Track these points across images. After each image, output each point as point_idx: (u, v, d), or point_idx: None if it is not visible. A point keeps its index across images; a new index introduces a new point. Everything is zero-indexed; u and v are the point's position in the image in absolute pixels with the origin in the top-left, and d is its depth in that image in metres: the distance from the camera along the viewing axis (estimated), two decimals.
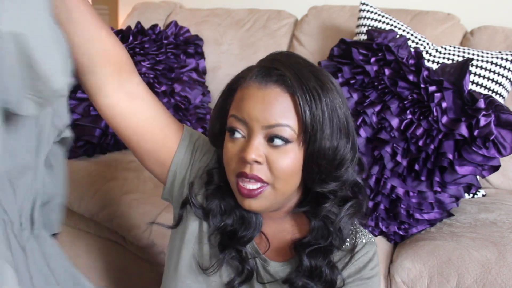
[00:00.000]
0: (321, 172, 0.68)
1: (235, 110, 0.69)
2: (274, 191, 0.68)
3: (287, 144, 0.66)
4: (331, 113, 0.67)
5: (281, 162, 0.66)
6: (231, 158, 0.69)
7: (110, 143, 1.49)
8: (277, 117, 0.65)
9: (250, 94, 0.67)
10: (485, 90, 1.35)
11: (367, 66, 1.24)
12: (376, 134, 1.17)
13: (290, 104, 0.66)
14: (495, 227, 1.10)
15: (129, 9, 2.20)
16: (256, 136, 0.66)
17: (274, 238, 0.77)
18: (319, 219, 0.73)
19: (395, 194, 1.13)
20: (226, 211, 0.75)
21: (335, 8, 1.79)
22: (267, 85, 0.67)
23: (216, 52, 1.85)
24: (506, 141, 1.05)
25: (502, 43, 1.51)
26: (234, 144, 0.68)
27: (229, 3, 2.09)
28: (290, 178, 0.68)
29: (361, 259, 0.75)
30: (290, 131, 0.66)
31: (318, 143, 0.66)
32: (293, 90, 0.65)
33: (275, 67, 0.67)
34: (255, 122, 0.66)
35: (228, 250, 0.73)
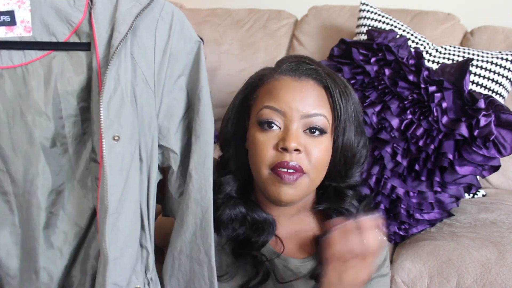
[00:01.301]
0: (346, 165, 0.71)
1: (270, 101, 0.69)
2: (310, 180, 0.69)
3: (323, 135, 0.68)
4: (355, 110, 0.70)
5: (318, 151, 0.68)
6: (266, 150, 0.68)
7: None
8: (316, 106, 0.67)
9: (286, 85, 0.68)
10: (485, 90, 1.35)
11: (367, 66, 1.24)
12: (376, 134, 1.17)
13: (324, 96, 0.69)
14: (495, 227, 1.10)
15: None
16: (294, 125, 0.67)
17: (291, 237, 0.77)
18: (342, 214, 0.74)
19: (395, 194, 1.13)
20: (237, 220, 0.75)
21: (335, 8, 1.79)
22: (301, 77, 0.69)
23: (216, 52, 1.85)
24: (506, 141, 1.06)
25: (502, 43, 1.51)
26: (267, 136, 0.68)
27: (229, 3, 2.09)
28: (323, 168, 0.70)
29: (380, 257, 0.76)
30: (326, 121, 0.68)
31: (347, 136, 0.69)
32: (327, 83, 0.68)
33: (307, 62, 0.70)
34: (295, 111, 0.67)
35: (243, 257, 0.73)
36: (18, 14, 0.59)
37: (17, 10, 0.59)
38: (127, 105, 0.58)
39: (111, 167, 0.57)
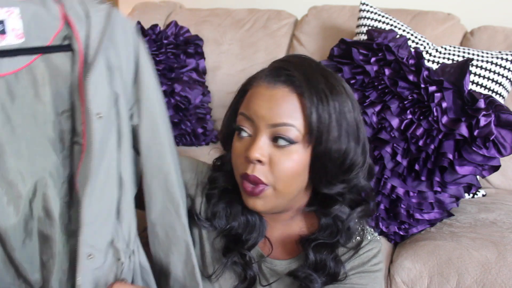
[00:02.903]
0: (327, 174, 0.68)
1: (244, 108, 0.69)
2: (276, 192, 0.68)
3: (292, 145, 0.66)
4: (339, 116, 0.67)
5: (284, 163, 0.66)
6: (238, 157, 0.69)
7: None
8: (283, 116, 0.66)
9: (259, 93, 0.68)
10: (485, 90, 1.35)
11: (367, 66, 1.24)
12: (376, 134, 1.17)
13: (297, 104, 0.66)
14: (495, 227, 1.10)
15: (129, 9, 2.20)
16: (261, 135, 0.67)
17: (280, 239, 0.77)
18: (330, 218, 0.74)
19: (395, 194, 1.13)
20: (232, 214, 0.76)
21: (335, 8, 1.79)
22: (276, 84, 0.67)
23: (216, 52, 1.85)
24: (506, 141, 1.06)
25: (502, 43, 1.51)
26: (241, 143, 0.69)
27: (229, 3, 2.09)
28: (292, 180, 0.68)
29: (366, 254, 0.76)
30: (295, 132, 0.66)
31: (324, 145, 0.66)
32: (301, 91, 0.66)
33: (285, 67, 0.68)
34: (261, 120, 0.66)
35: (231, 254, 0.73)
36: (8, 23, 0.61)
37: (7, 19, 0.61)
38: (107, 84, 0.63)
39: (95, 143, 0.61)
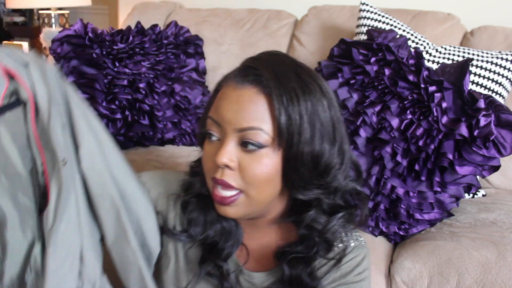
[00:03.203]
0: (301, 178, 0.65)
1: (212, 111, 0.66)
2: (248, 199, 0.65)
3: (261, 149, 0.63)
4: (311, 117, 0.63)
5: (254, 168, 0.63)
6: (208, 161, 0.66)
7: None
8: (250, 119, 0.62)
9: (226, 95, 0.64)
10: (485, 90, 1.35)
11: (367, 66, 1.23)
12: (376, 134, 1.17)
13: (265, 106, 0.62)
14: (495, 227, 1.10)
15: (129, 9, 2.20)
16: (229, 139, 0.63)
17: (258, 249, 0.74)
18: (305, 228, 0.69)
19: (395, 194, 1.13)
20: (208, 221, 0.72)
21: (335, 8, 1.79)
22: (244, 85, 0.64)
23: (216, 52, 1.85)
24: (506, 141, 1.06)
25: (502, 43, 1.51)
26: (211, 146, 0.66)
27: (229, 3, 2.09)
28: (264, 185, 0.65)
29: (349, 263, 0.71)
30: (264, 135, 0.62)
31: (296, 148, 0.62)
32: (269, 91, 0.62)
33: (254, 66, 0.64)
34: (228, 124, 0.63)
35: (206, 264, 0.70)
36: None
37: None
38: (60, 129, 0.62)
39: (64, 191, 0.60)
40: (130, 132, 1.51)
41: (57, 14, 2.42)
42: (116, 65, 1.49)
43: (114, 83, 1.47)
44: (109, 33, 1.59)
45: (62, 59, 1.48)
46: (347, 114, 1.22)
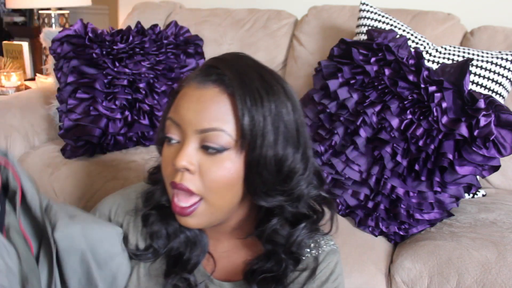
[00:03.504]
0: (263, 183, 0.62)
1: (172, 112, 0.63)
2: (209, 206, 0.62)
3: (223, 152, 0.60)
4: (275, 119, 0.60)
5: (215, 172, 0.60)
6: (167, 165, 0.63)
7: (110, 143, 1.49)
8: (211, 120, 0.59)
9: (187, 94, 0.62)
10: (485, 90, 1.35)
11: (367, 66, 1.24)
12: (376, 134, 1.17)
13: (228, 106, 0.60)
14: (495, 227, 1.10)
15: (129, 9, 2.20)
16: (189, 141, 0.60)
17: (225, 258, 0.72)
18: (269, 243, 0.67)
19: (395, 194, 1.13)
20: (170, 233, 0.70)
21: (335, 8, 1.79)
22: (205, 84, 0.61)
23: (216, 52, 1.83)
24: (506, 141, 1.06)
25: (502, 43, 1.51)
26: (170, 150, 0.63)
27: (229, 3, 2.09)
28: (225, 190, 0.62)
29: (323, 272, 0.70)
30: (226, 137, 0.59)
31: (259, 151, 0.59)
32: (232, 91, 0.59)
33: (216, 65, 0.62)
34: (188, 125, 0.60)
35: (171, 278, 0.67)
36: None
37: None
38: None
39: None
40: (130, 132, 1.51)
41: (57, 14, 2.42)
42: (116, 65, 1.49)
43: (114, 83, 1.47)
44: (109, 33, 1.59)
45: (62, 59, 1.48)
46: (347, 114, 1.22)
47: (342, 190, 1.19)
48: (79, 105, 1.43)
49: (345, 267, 1.02)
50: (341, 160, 1.20)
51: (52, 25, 2.41)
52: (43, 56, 2.47)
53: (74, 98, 1.43)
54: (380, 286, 1.03)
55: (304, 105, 1.35)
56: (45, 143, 1.63)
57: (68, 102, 1.43)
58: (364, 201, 1.17)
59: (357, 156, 1.19)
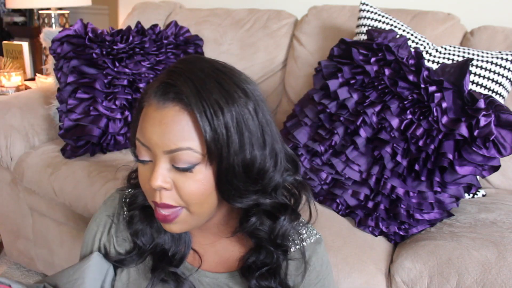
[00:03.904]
0: (235, 189, 0.63)
1: (139, 133, 0.64)
2: (190, 214, 0.65)
3: (194, 167, 0.61)
4: (239, 126, 0.61)
5: (189, 186, 0.62)
6: (144, 184, 0.65)
7: (110, 143, 1.49)
8: (177, 140, 0.60)
9: (149, 116, 0.62)
10: (485, 90, 1.35)
11: (367, 66, 1.24)
12: (376, 134, 1.17)
13: (190, 123, 0.60)
14: (495, 227, 1.10)
15: (129, 9, 2.20)
16: (160, 161, 0.62)
17: (212, 250, 0.75)
18: (254, 238, 0.70)
19: (395, 194, 1.13)
20: (155, 231, 0.73)
21: (335, 8, 1.79)
22: (165, 104, 0.61)
23: (216, 52, 1.85)
24: (506, 141, 1.06)
25: (502, 43, 1.51)
26: (144, 168, 0.65)
27: (229, 3, 2.09)
28: (203, 200, 0.64)
29: (317, 262, 0.74)
30: (193, 153, 0.60)
31: (226, 161, 0.61)
32: (191, 108, 0.59)
33: (173, 83, 0.61)
34: (156, 147, 0.61)
35: (158, 272, 0.70)
36: None
37: None
38: None
39: None
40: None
41: (57, 14, 2.42)
42: (116, 65, 1.49)
43: (114, 83, 1.47)
44: (109, 33, 1.59)
45: (62, 59, 1.48)
46: (347, 114, 1.22)
47: (342, 190, 1.19)
48: (79, 105, 1.43)
49: (345, 267, 1.02)
50: (341, 160, 1.20)
51: (52, 25, 2.41)
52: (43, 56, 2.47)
53: (74, 98, 1.43)
54: (380, 286, 1.03)
55: (304, 105, 1.35)
56: (45, 143, 1.63)
57: (68, 102, 1.43)
58: (364, 201, 1.17)
59: (357, 156, 1.19)
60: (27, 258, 1.69)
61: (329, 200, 1.21)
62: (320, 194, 1.23)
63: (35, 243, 1.63)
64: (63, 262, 1.55)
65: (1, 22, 3.43)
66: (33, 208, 1.58)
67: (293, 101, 1.72)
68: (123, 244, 0.76)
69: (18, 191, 1.59)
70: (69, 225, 1.49)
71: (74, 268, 0.75)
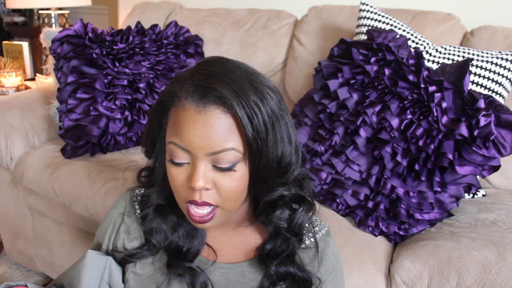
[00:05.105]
0: (267, 183, 0.67)
1: (174, 136, 0.64)
2: (224, 211, 0.67)
3: (235, 166, 0.64)
4: (272, 123, 0.64)
5: (229, 185, 0.65)
6: (179, 186, 0.66)
7: (110, 143, 1.49)
8: (221, 142, 0.62)
9: (189, 120, 0.63)
10: (485, 90, 1.35)
11: (367, 66, 1.24)
12: (376, 134, 1.17)
13: (232, 124, 0.63)
14: (495, 227, 1.10)
15: (129, 9, 2.20)
16: (201, 163, 0.63)
17: (229, 242, 0.76)
18: (274, 227, 0.73)
19: (395, 194, 1.13)
20: (168, 228, 0.74)
21: (335, 8, 1.79)
22: (206, 107, 0.62)
23: (216, 52, 1.85)
24: (506, 141, 1.06)
25: (502, 43, 1.51)
26: (178, 170, 0.66)
27: (229, 3, 2.09)
28: (238, 196, 0.67)
29: (331, 253, 0.77)
30: (236, 153, 0.63)
31: (264, 158, 0.64)
32: (234, 110, 0.62)
33: (212, 86, 0.62)
34: (199, 150, 0.63)
35: (174, 268, 0.71)
36: None
37: None
38: None
39: None
40: (130, 132, 1.51)
41: (57, 14, 2.42)
42: (116, 65, 1.49)
43: (114, 83, 1.47)
44: (109, 33, 1.59)
45: (62, 59, 1.48)
46: (347, 114, 1.23)
47: (342, 190, 1.19)
48: (79, 105, 1.43)
49: (345, 267, 1.02)
50: (341, 160, 1.20)
51: (52, 25, 2.42)
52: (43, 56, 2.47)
53: (74, 98, 1.43)
54: (380, 286, 1.03)
55: (304, 105, 1.35)
56: (45, 143, 1.63)
57: (68, 102, 1.43)
58: (364, 201, 1.17)
59: (357, 156, 1.19)
60: (27, 258, 1.69)
61: (329, 200, 1.21)
62: (320, 194, 1.23)
63: (35, 243, 1.63)
64: (63, 262, 1.55)
65: (1, 22, 3.43)
66: (33, 208, 1.58)
67: (293, 101, 1.72)
68: (134, 241, 0.77)
69: (18, 191, 1.59)
70: (69, 225, 1.49)
71: (72, 268, 0.76)
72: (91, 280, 0.73)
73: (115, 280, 0.75)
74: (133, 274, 0.75)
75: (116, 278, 0.75)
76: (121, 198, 0.81)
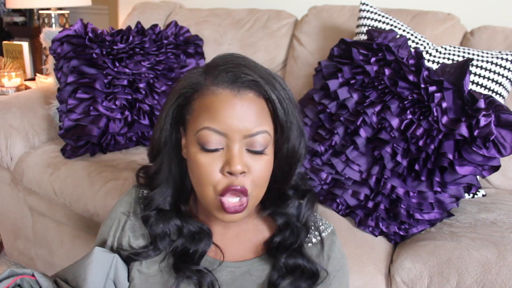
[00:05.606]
0: (283, 170, 0.69)
1: (209, 121, 0.64)
2: (253, 199, 0.67)
3: (266, 149, 0.66)
4: (293, 110, 0.68)
5: (261, 168, 0.66)
6: (211, 175, 0.65)
7: (110, 143, 1.49)
8: (257, 124, 0.64)
9: (226, 102, 0.64)
10: (485, 90, 1.35)
11: (367, 66, 1.24)
12: (376, 134, 1.17)
13: (265, 108, 0.66)
14: (495, 227, 1.10)
15: (129, 9, 2.20)
16: (237, 146, 0.64)
17: (236, 240, 0.76)
18: (282, 219, 0.74)
19: (395, 194, 1.13)
20: (173, 233, 0.74)
21: (335, 8, 1.79)
22: (240, 91, 0.65)
23: (216, 52, 1.83)
24: (506, 141, 1.06)
25: (502, 43, 1.51)
26: (211, 158, 0.65)
27: (229, 3, 2.09)
28: (265, 183, 0.68)
29: (337, 251, 0.77)
30: (268, 136, 0.66)
31: (291, 142, 0.67)
32: (266, 93, 0.65)
33: (245, 72, 0.66)
34: (237, 132, 0.64)
35: (182, 272, 0.71)
36: None
37: None
38: None
39: None
40: (130, 132, 1.51)
41: (57, 14, 2.42)
42: (116, 65, 1.49)
43: (114, 83, 1.47)
44: (109, 33, 1.59)
45: (62, 59, 1.48)
46: (347, 114, 1.22)
47: (342, 190, 1.19)
48: (79, 105, 1.43)
49: None
50: (341, 160, 1.20)
51: (52, 25, 2.42)
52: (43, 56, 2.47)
53: (74, 98, 1.43)
54: (380, 286, 1.03)
55: (304, 105, 1.35)
56: (45, 143, 1.63)
57: (68, 102, 1.43)
58: (364, 201, 1.17)
59: (357, 156, 1.19)
60: (27, 258, 1.69)
61: (329, 200, 1.21)
62: (320, 194, 1.23)
63: (35, 243, 1.63)
64: (63, 262, 1.55)
65: (1, 22, 3.43)
66: (33, 208, 1.58)
67: None
68: (140, 239, 0.76)
69: (18, 191, 1.59)
70: (69, 225, 1.49)
71: (78, 264, 0.76)
72: (97, 277, 0.73)
73: (120, 278, 0.74)
74: (139, 272, 0.74)
75: (121, 276, 0.74)
76: (126, 195, 0.81)
